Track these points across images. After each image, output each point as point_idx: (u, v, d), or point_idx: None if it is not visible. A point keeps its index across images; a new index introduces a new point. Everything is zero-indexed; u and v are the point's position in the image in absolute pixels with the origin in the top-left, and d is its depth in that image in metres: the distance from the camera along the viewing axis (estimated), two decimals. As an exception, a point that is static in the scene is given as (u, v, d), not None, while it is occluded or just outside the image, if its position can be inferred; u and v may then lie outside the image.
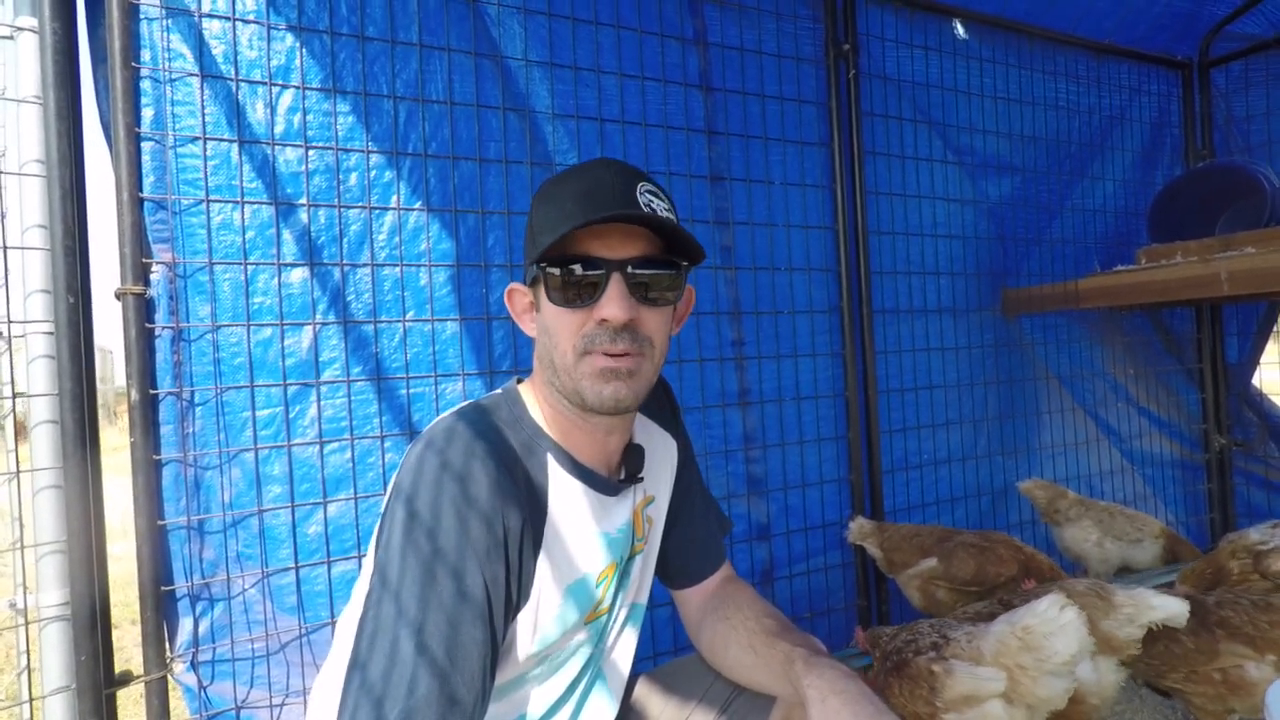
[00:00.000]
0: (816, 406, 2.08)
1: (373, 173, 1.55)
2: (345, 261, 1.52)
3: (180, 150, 1.38)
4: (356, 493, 1.50)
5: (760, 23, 2.00)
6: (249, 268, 1.43)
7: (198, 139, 1.39)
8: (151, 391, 1.34)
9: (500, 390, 1.01)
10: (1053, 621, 1.22)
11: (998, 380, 2.43)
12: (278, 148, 1.46)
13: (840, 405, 2.12)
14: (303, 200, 1.48)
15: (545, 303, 0.91)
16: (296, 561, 1.45)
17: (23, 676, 1.29)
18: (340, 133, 1.52)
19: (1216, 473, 2.81)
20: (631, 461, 1.04)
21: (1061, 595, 1.25)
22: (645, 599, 1.13)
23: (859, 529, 2.00)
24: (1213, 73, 2.78)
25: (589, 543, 0.97)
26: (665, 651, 1.78)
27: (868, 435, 2.14)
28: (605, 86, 1.79)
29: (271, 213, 1.45)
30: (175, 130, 1.38)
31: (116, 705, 1.28)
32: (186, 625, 1.36)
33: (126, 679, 1.29)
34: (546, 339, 0.92)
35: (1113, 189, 2.70)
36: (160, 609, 1.33)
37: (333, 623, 1.46)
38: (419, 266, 1.58)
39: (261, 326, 1.45)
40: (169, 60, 1.38)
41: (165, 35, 1.37)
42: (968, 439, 2.37)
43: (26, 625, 1.25)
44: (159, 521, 1.34)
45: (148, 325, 1.35)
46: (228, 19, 1.42)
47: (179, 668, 1.35)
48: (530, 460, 0.93)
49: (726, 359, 1.95)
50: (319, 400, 1.48)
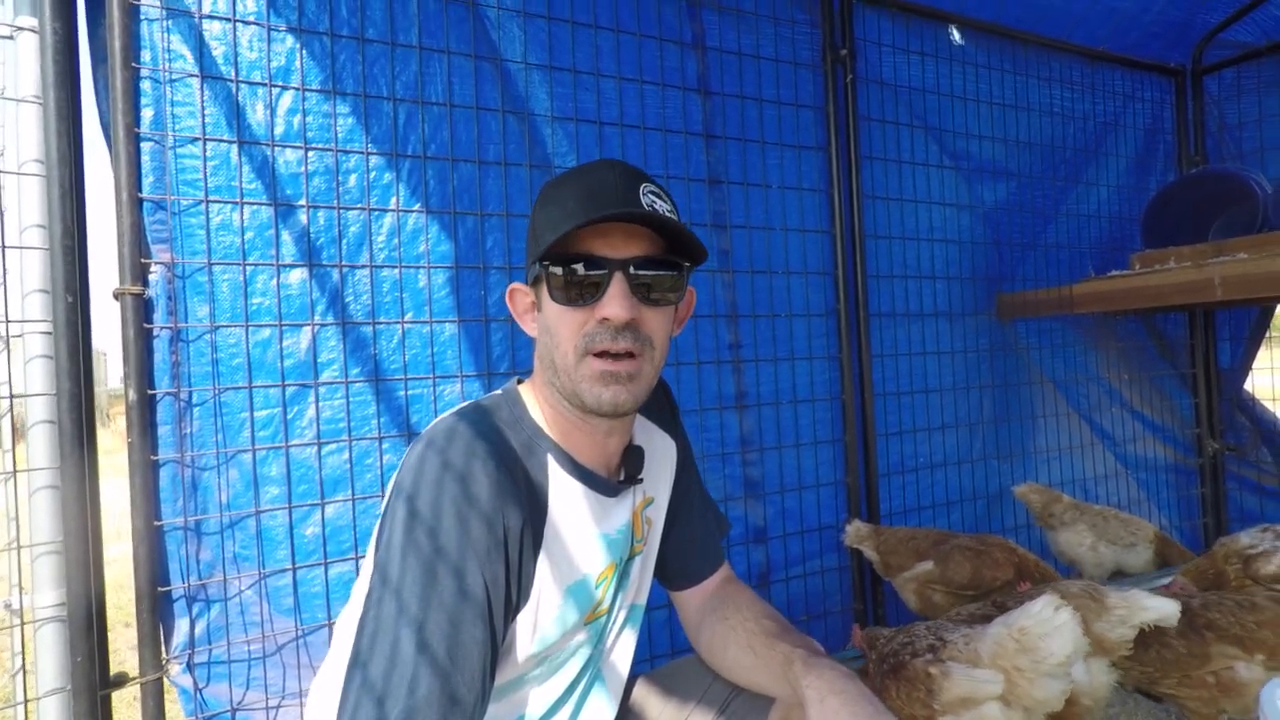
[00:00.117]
0: (813, 410, 2.09)
1: (372, 174, 1.55)
2: (344, 263, 1.52)
3: (180, 151, 1.39)
4: (354, 494, 1.50)
5: (758, 27, 2.01)
6: (248, 268, 1.43)
7: (197, 140, 1.40)
8: (149, 392, 1.34)
9: (500, 391, 1.01)
10: (1048, 622, 1.22)
11: (993, 384, 2.45)
12: (277, 149, 1.47)
13: (837, 408, 2.13)
14: (302, 201, 1.48)
15: (547, 302, 0.91)
16: (294, 563, 1.45)
17: (18, 677, 1.28)
18: (340, 134, 1.52)
19: (1210, 477, 2.82)
20: (631, 463, 1.04)
21: (1055, 596, 1.26)
22: (644, 600, 1.13)
23: (855, 532, 2.01)
24: (1205, 80, 2.81)
25: (589, 543, 0.97)
26: (662, 654, 1.78)
27: (864, 438, 2.14)
28: (604, 90, 1.79)
29: (271, 214, 1.45)
30: (175, 131, 1.38)
31: (111, 707, 1.27)
32: (183, 626, 1.36)
33: (122, 680, 1.28)
34: (548, 338, 0.93)
35: (1107, 194, 2.72)
36: (156, 610, 1.33)
37: (330, 624, 1.46)
38: (418, 268, 1.59)
39: (260, 327, 1.44)
40: (169, 61, 1.38)
41: (165, 36, 1.37)
42: (963, 443, 2.38)
43: (22, 626, 1.24)
44: (156, 522, 1.33)
45: (146, 325, 1.34)
46: (228, 20, 1.42)
47: (175, 669, 1.35)
48: (530, 461, 0.93)
49: (724, 362, 1.95)
50: (317, 401, 1.48)
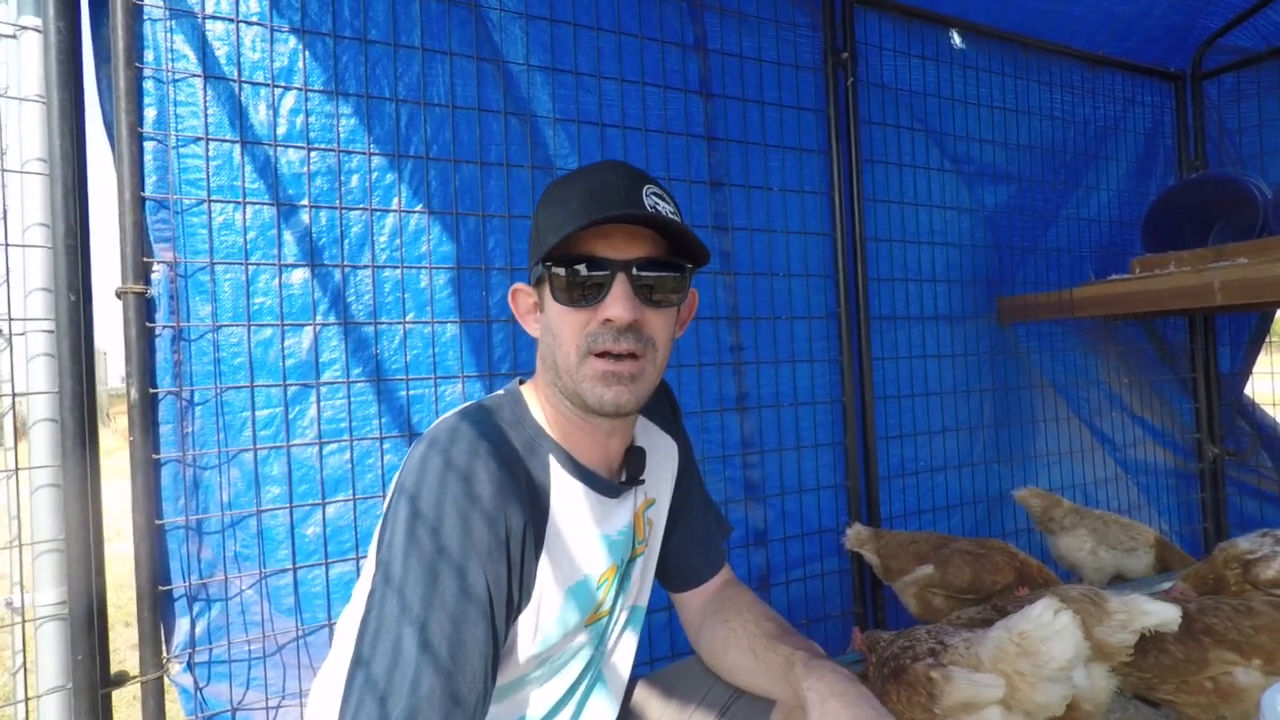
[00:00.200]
0: (814, 412, 2.09)
1: (374, 175, 1.55)
2: (346, 263, 1.52)
3: (182, 150, 1.39)
4: (355, 494, 1.50)
5: (760, 30, 2.02)
6: (250, 268, 1.44)
7: (200, 139, 1.40)
8: (151, 391, 1.34)
9: (503, 391, 1.01)
10: (1048, 626, 1.22)
11: (993, 388, 2.45)
12: (280, 149, 1.47)
13: (837, 411, 2.13)
14: (304, 201, 1.48)
15: (550, 302, 0.91)
16: (294, 563, 1.45)
17: (18, 675, 1.28)
18: (342, 135, 1.52)
19: (1210, 482, 2.82)
20: (633, 464, 1.04)
21: (1055, 600, 1.26)
22: (645, 602, 1.13)
23: (856, 535, 2.01)
24: (1205, 85, 2.82)
25: (590, 544, 0.97)
26: (662, 657, 1.78)
27: (864, 441, 2.14)
28: (606, 91, 1.80)
29: (273, 213, 1.46)
30: (178, 130, 1.38)
31: (112, 706, 1.27)
32: (183, 625, 1.36)
33: (122, 679, 1.28)
34: (550, 339, 0.93)
35: (1107, 199, 2.73)
36: (157, 609, 1.33)
37: (330, 624, 1.46)
38: (419, 268, 1.59)
39: (262, 327, 1.45)
40: (172, 61, 1.38)
41: (169, 36, 1.38)
42: (964, 446, 2.38)
43: (23, 624, 1.24)
44: (157, 521, 1.33)
45: (148, 324, 1.34)
46: (231, 21, 1.43)
47: (175, 668, 1.35)
48: (532, 461, 0.93)
49: (725, 364, 1.95)
50: (318, 401, 1.48)
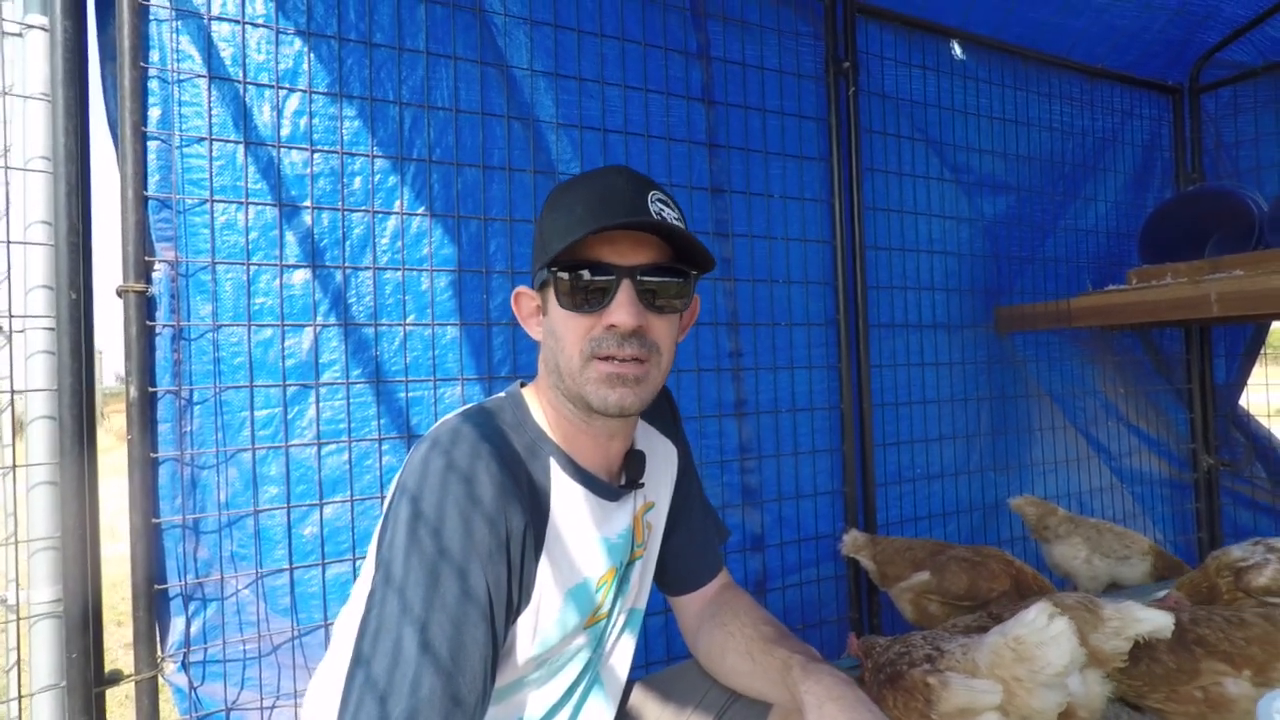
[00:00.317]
0: (812, 418, 2.10)
1: (377, 177, 1.55)
2: (347, 264, 1.52)
3: (186, 150, 1.39)
4: (353, 495, 1.50)
5: (762, 39, 2.03)
6: (251, 268, 1.44)
7: (204, 139, 1.40)
8: (150, 389, 1.34)
9: (504, 393, 1.02)
10: (1043, 631, 1.22)
11: (990, 396, 2.46)
12: (283, 150, 1.47)
13: (835, 418, 2.13)
14: (307, 203, 1.49)
15: (554, 306, 0.92)
16: (291, 563, 1.44)
17: (11, 673, 1.27)
18: (345, 137, 1.53)
19: (1204, 492, 2.83)
20: (633, 467, 1.05)
21: (1050, 605, 1.26)
22: (644, 604, 1.13)
23: (852, 542, 2.01)
24: (1203, 98, 2.84)
25: (590, 547, 0.97)
26: (658, 660, 1.78)
27: (862, 448, 2.15)
28: (609, 98, 1.80)
29: (275, 214, 1.46)
30: (181, 130, 1.39)
31: (105, 705, 1.26)
32: (178, 625, 1.35)
33: (117, 678, 1.28)
34: (553, 342, 0.93)
35: (1104, 210, 2.74)
36: (152, 608, 1.32)
37: (326, 625, 1.45)
38: (421, 271, 1.59)
39: (262, 327, 1.45)
40: (177, 61, 1.38)
41: (174, 36, 1.38)
42: (960, 454, 2.38)
43: (18, 621, 1.24)
44: (154, 519, 1.33)
45: (148, 323, 1.34)
46: (237, 22, 1.43)
47: (170, 667, 1.34)
48: (533, 463, 0.93)
49: (724, 369, 1.96)
50: (318, 402, 1.48)
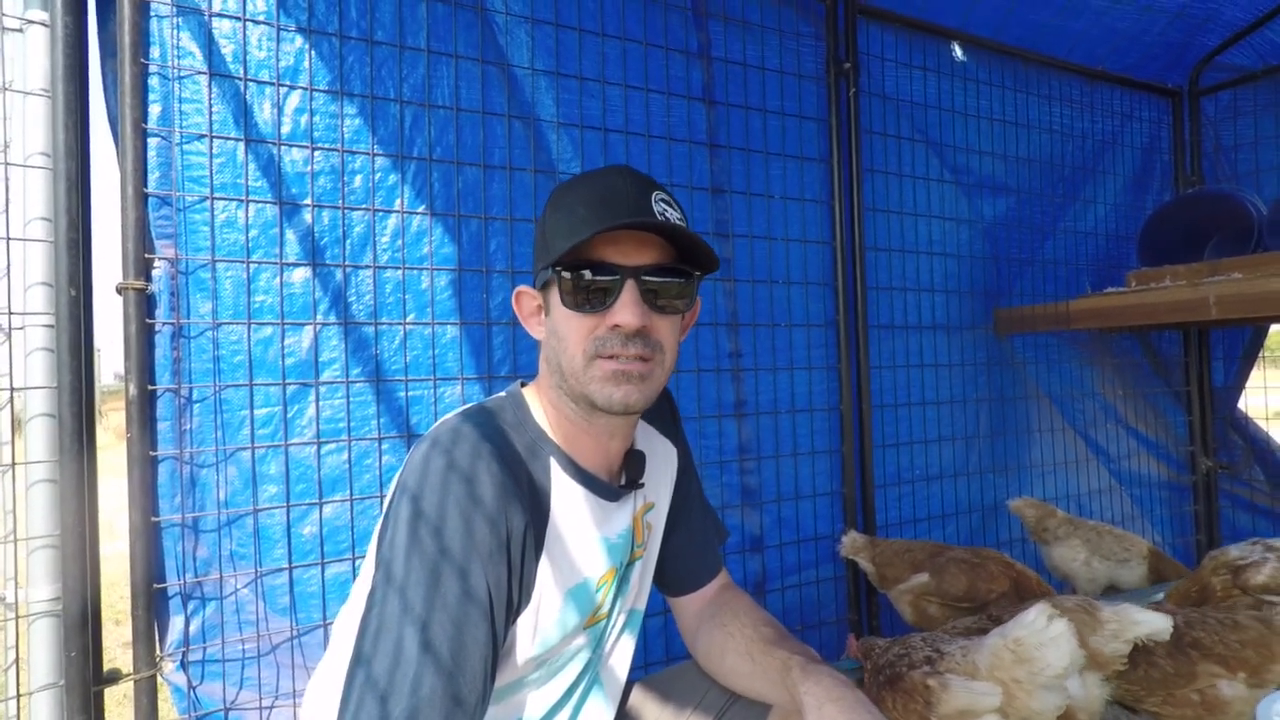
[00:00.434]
0: (811, 419, 2.10)
1: (377, 175, 1.55)
2: (348, 263, 1.52)
3: (186, 147, 1.39)
4: (353, 494, 1.50)
5: (763, 39, 2.03)
6: (251, 266, 1.43)
7: (204, 136, 1.40)
8: (150, 387, 1.34)
9: (504, 393, 1.02)
10: (1042, 633, 1.22)
11: (989, 398, 2.46)
12: (283, 148, 1.47)
13: (835, 419, 2.13)
14: (307, 201, 1.48)
15: (557, 306, 0.92)
16: (290, 562, 1.44)
17: (10, 672, 1.27)
18: (346, 135, 1.52)
19: (1203, 494, 2.84)
20: (633, 467, 1.05)
21: (1049, 606, 1.26)
22: (643, 605, 1.13)
23: (851, 543, 2.01)
24: (1202, 101, 2.84)
25: (590, 547, 0.97)
26: (657, 661, 1.78)
27: (861, 449, 2.15)
28: (610, 97, 1.80)
29: (275, 212, 1.46)
30: (182, 127, 1.38)
31: (104, 704, 1.26)
32: (177, 624, 1.35)
33: (115, 677, 1.27)
34: (556, 342, 0.93)
35: (1104, 212, 2.75)
36: (151, 607, 1.32)
37: (325, 624, 1.45)
38: (421, 270, 1.59)
39: (262, 325, 1.44)
40: (178, 58, 1.38)
41: (175, 33, 1.38)
42: (959, 455, 2.39)
43: (16, 620, 1.23)
44: (153, 518, 1.33)
45: (148, 321, 1.34)
46: (238, 19, 1.43)
47: (168, 667, 1.34)
48: (534, 463, 0.93)
49: (723, 370, 1.96)
50: (317, 400, 1.48)
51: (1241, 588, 1.74)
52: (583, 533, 0.96)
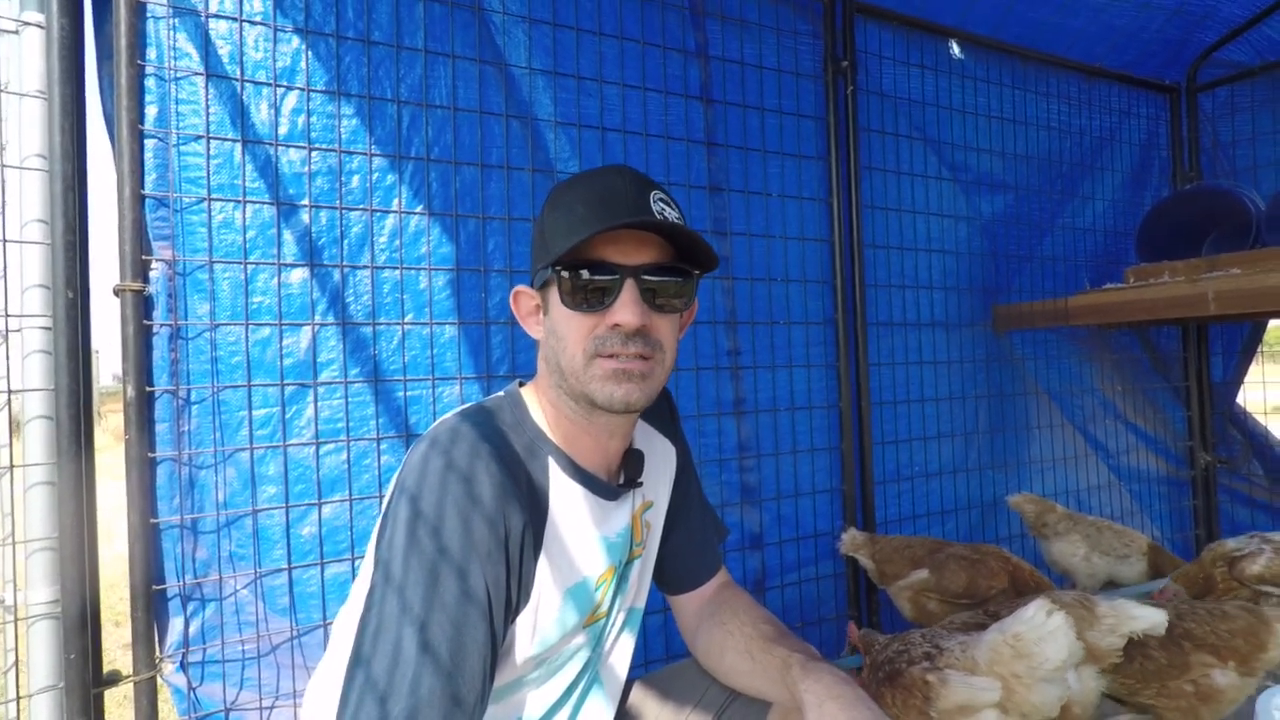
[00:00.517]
0: (810, 417, 2.10)
1: (375, 175, 1.55)
2: (345, 263, 1.52)
3: (183, 148, 1.39)
4: (352, 494, 1.50)
5: (761, 37, 2.03)
6: (249, 267, 1.43)
7: (201, 138, 1.40)
8: (148, 389, 1.34)
9: (502, 393, 1.02)
10: (1041, 627, 1.23)
11: (989, 394, 2.46)
12: (281, 148, 1.47)
13: (834, 416, 2.13)
14: (304, 201, 1.48)
15: (556, 306, 0.91)
16: (290, 563, 1.44)
17: (10, 674, 1.27)
18: (343, 135, 1.52)
19: (1202, 489, 2.84)
20: (631, 466, 1.05)
21: (1048, 601, 1.26)
22: (643, 603, 1.13)
23: (851, 540, 2.01)
24: (1200, 97, 2.84)
25: (588, 546, 0.97)
26: (657, 659, 1.78)
27: (860, 446, 2.15)
28: (608, 96, 1.80)
29: (273, 213, 1.45)
30: (179, 128, 1.38)
31: (104, 706, 1.26)
32: (177, 625, 1.35)
33: (115, 679, 1.27)
34: (555, 341, 0.93)
35: (1102, 208, 2.75)
36: (151, 608, 1.32)
37: (325, 625, 1.45)
38: (419, 270, 1.59)
39: (260, 326, 1.44)
40: (174, 59, 1.38)
41: (171, 34, 1.38)
42: (959, 452, 2.39)
43: (15, 622, 1.23)
44: (152, 519, 1.33)
45: (146, 322, 1.34)
46: (234, 20, 1.43)
47: (168, 668, 1.34)
48: (532, 463, 0.93)
49: (722, 368, 1.96)
50: (316, 401, 1.48)
51: (1237, 578, 1.75)
52: (581, 532, 0.96)
